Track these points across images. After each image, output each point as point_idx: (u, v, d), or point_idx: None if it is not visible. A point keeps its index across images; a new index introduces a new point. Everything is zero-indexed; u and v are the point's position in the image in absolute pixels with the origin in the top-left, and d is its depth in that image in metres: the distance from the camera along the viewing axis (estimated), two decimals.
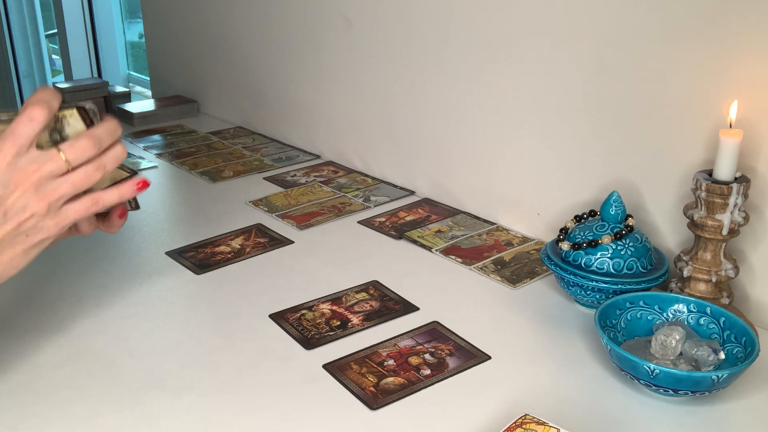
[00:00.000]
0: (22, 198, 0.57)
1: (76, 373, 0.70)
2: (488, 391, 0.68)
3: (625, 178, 0.89)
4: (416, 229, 1.03)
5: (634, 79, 0.84)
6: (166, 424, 0.63)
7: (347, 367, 0.71)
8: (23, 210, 0.58)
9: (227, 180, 1.24)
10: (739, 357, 0.68)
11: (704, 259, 0.76)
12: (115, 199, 0.63)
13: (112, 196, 0.63)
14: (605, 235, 0.79)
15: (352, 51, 1.23)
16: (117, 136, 0.62)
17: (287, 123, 1.44)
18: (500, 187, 1.04)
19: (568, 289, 0.81)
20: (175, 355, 0.73)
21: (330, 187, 1.20)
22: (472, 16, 1.00)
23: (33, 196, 0.58)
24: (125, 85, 2.83)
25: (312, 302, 0.84)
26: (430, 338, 0.76)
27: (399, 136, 1.19)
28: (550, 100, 0.94)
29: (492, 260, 0.94)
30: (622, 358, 0.65)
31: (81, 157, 0.59)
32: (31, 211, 0.58)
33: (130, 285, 0.87)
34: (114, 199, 0.63)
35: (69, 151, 0.59)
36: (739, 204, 0.73)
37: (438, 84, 1.09)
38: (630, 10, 0.83)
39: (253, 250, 0.97)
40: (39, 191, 0.58)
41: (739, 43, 0.75)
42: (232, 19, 1.51)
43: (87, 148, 0.59)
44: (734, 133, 0.73)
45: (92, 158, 0.60)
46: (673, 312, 0.74)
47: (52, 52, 3.53)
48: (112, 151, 0.61)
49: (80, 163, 0.59)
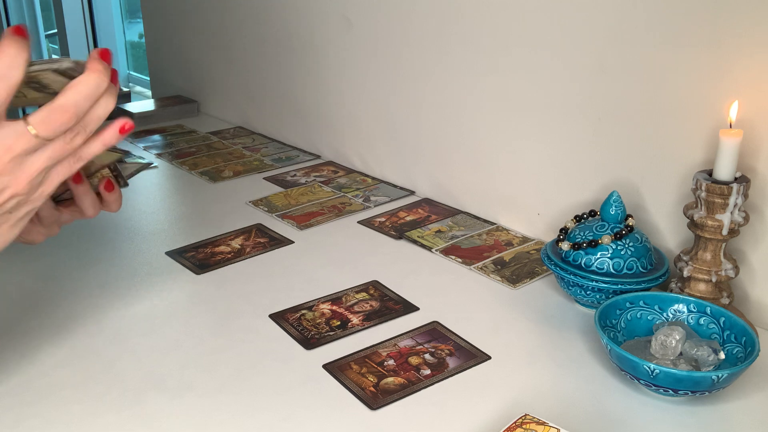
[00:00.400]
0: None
1: (76, 373, 0.70)
2: (488, 391, 0.68)
3: (625, 178, 0.89)
4: (416, 229, 1.03)
5: (634, 79, 0.84)
6: (166, 424, 0.63)
7: (347, 367, 0.71)
8: (2, 192, 0.53)
9: (227, 180, 1.24)
10: (739, 357, 0.68)
11: (704, 259, 0.76)
12: (98, 148, 0.56)
13: (94, 147, 0.56)
14: (605, 235, 0.79)
15: (352, 51, 1.23)
16: (100, 91, 0.53)
17: (287, 123, 1.44)
18: (500, 187, 1.04)
19: (568, 289, 0.81)
20: (175, 355, 0.73)
21: (330, 187, 1.20)
22: (473, 17, 1.00)
23: (10, 177, 0.52)
24: (125, 85, 2.83)
25: (312, 302, 0.84)
26: (430, 338, 0.76)
27: (399, 136, 1.19)
28: (551, 100, 0.94)
29: (492, 260, 0.94)
30: (622, 358, 0.65)
31: (56, 130, 0.52)
32: (10, 192, 0.53)
33: (130, 285, 0.87)
34: (97, 148, 0.56)
35: (40, 127, 0.51)
36: (739, 204, 0.73)
37: (438, 84, 1.09)
38: (630, 10, 0.83)
39: (253, 250, 0.97)
40: (15, 171, 0.52)
41: (739, 43, 0.75)
42: (232, 19, 1.51)
43: (61, 122, 0.52)
44: (734, 133, 0.73)
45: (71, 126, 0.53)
46: (673, 312, 0.74)
47: (52, 52, 3.53)
48: (93, 110, 0.54)
49: (56, 135, 0.52)
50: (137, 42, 2.83)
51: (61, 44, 2.85)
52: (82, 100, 0.52)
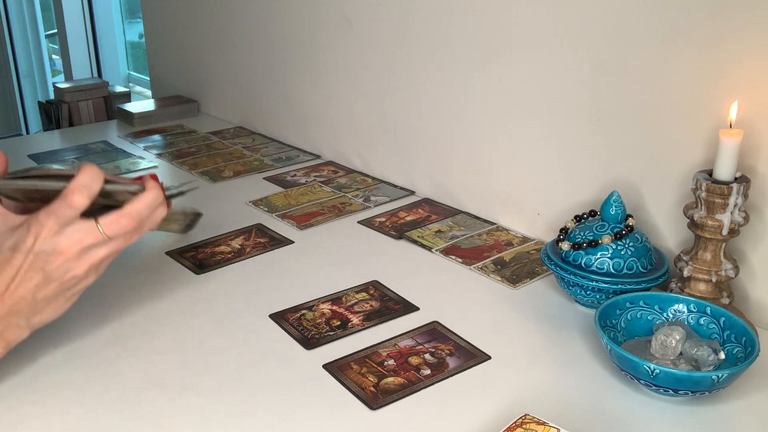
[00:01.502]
0: (64, 264, 0.62)
1: (76, 373, 0.70)
2: (488, 391, 0.68)
3: (625, 178, 0.89)
4: (416, 229, 1.03)
5: (634, 79, 0.84)
6: (166, 424, 0.63)
7: (347, 367, 0.71)
8: (65, 273, 0.63)
9: (227, 180, 1.24)
10: (739, 357, 0.68)
11: (704, 259, 0.76)
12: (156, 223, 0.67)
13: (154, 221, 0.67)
14: (605, 235, 0.79)
15: (352, 51, 1.23)
16: (157, 204, 0.66)
17: (287, 123, 1.44)
18: (500, 187, 1.04)
19: (568, 289, 0.81)
20: (175, 355, 0.73)
21: (330, 187, 1.20)
22: (472, 16, 1.00)
23: (74, 262, 0.63)
24: (125, 85, 2.83)
25: (312, 302, 0.84)
26: (430, 338, 0.76)
27: (399, 136, 1.19)
28: (551, 100, 0.94)
29: (492, 260, 0.94)
30: (622, 358, 0.65)
31: (120, 233, 0.64)
32: (72, 273, 0.63)
33: (130, 285, 0.87)
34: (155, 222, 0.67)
35: (108, 228, 0.63)
36: (739, 204, 0.73)
37: (438, 83, 1.09)
38: (630, 10, 0.83)
39: (253, 250, 0.97)
40: (80, 258, 0.63)
41: (739, 43, 0.75)
42: (232, 19, 1.51)
43: (127, 226, 0.64)
44: (734, 133, 0.73)
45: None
46: (673, 312, 0.74)
47: (52, 52, 3.53)
48: (150, 217, 0.66)
49: (119, 236, 0.64)
50: (137, 42, 2.82)
51: (61, 44, 2.85)
52: (144, 209, 0.64)
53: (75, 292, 0.65)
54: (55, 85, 1.83)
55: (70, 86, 1.80)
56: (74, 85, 1.82)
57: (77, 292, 0.66)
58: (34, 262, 0.61)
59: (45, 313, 0.64)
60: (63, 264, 0.62)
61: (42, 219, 0.61)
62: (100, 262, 0.64)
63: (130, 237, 0.65)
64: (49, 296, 0.63)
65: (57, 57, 3.42)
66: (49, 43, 3.50)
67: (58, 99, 1.81)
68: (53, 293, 0.63)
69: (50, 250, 0.61)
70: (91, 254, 0.63)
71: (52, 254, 0.61)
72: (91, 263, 0.63)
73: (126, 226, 0.63)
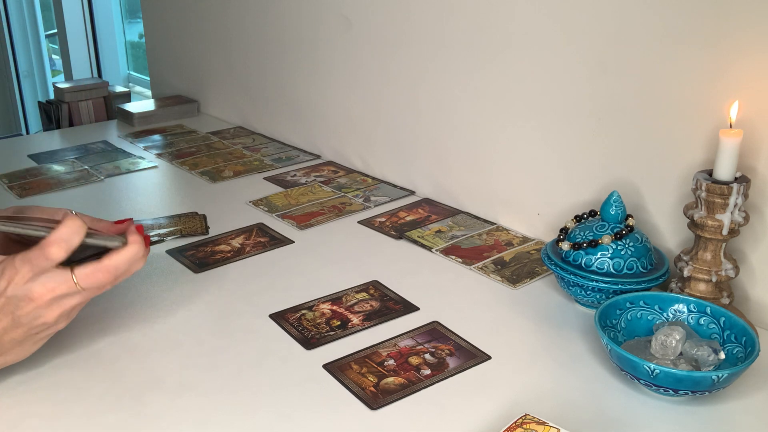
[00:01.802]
0: (34, 311, 0.62)
1: (76, 373, 0.70)
2: (488, 391, 0.68)
3: (625, 178, 0.89)
4: (416, 229, 1.03)
5: (634, 79, 0.84)
6: (166, 424, 0.63)
7: (347, 367, 0.71)
8: (35, 319, 0.63)
9: (227, 180, 1.24)
10: (739, 357, 0.68)
11: (704, 259, 0.76)
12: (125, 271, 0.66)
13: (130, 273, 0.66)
14: (605, 235, 0.79)
15: (351, 50, 1.23)
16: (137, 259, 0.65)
17: (287, 123, 1.44)
18: (500, 187, 1.04)
19: (568, 289, 0.81)
20: (175, 355, 0.73)
21: (330, 187, 1.20)
22: (472, 16, 1.00)
23: (45, 309, 0.62)
24: (125, 85, 2.83)
25: (312, 302, 0.84)
26: (430, 338, 0.76)
27: (399, 136, 1.19)
28: (551, 100, 0.94)
29: (492, 260, 0.94)
30: (622, 358, 0.65)
31: (95, 286, 0.63)
32: (42, 320, 0.63)
33: (130, 285, 0.87)
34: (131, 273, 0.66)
35: (84, 281, 0.62)
36: (739, 204, 0.73)
37: (438, 84, 1.09)
38: (630, 10, 0.83)
39: (253, 249, 0.97)
40: (51, 306, 0.62)
41: (739, 43, 0.75)
42: (232, 19, 1.51)
43: (102, 280, 0.63)
44: (734, 133, 0.73)
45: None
46: (673, 312, 0.74)
47: (52, 52, 3.53)
48: (127, 271, 0.65)
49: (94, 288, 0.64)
50: (137, 42, 2.82)
51: (61, 44, 2.85)
52: (123, 264, 0.64)
53: (43, 337, 0.65)
54: (55, 85, 1.83)
55: (70, 86, 1.80)
56: (74, 85, 1.82)
57: (45, 337, 0.66)
58: (5, 305, 0.61)
59: (10, 355, 0.65)
60: (33, 311, 0.62)
61: (18, 264, 0.61)
62: (71, 310, 0.64)
63: (103, 288, 0.65)
64: (16, 339, 0.63)
65: (57, 57, 3.42)
66: (49, 43, 3.50)
67: (58, 99, 1.81)
68: (20, 337, 0.63)
69: (22, 295, 0.61)
70: (63, 302, 0.63)
71: (24, 300, 0.61)
72: (62, 311, 0.63)
73: (102, 279, 0.63)
